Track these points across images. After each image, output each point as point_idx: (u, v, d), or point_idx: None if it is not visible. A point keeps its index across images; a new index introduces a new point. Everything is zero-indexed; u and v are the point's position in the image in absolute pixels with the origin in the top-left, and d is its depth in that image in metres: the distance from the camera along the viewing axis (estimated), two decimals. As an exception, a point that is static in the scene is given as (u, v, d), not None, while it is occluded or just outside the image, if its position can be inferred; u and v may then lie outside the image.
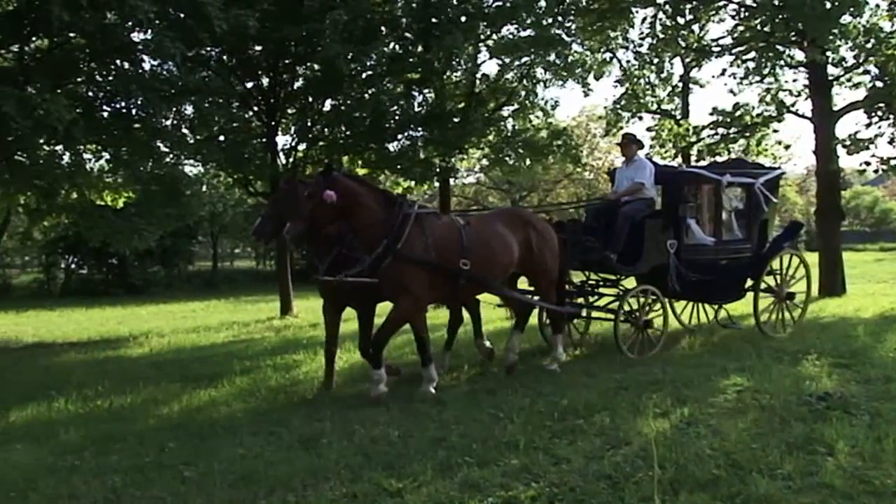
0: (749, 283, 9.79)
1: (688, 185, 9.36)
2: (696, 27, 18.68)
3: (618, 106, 21.03)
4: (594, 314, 9.70)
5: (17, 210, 19.98)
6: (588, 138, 37.03)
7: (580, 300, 9.36)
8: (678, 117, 22.32)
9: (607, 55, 21.41)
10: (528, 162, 20.64)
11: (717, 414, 5.88)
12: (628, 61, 21.60)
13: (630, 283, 9.46)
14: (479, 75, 20.00)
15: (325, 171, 6.99)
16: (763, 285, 9.84)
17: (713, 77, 36.87)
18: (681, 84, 23.84)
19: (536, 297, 8.41)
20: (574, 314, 9.24)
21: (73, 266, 33.98)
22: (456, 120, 18.32)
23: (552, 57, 18.21)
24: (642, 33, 19.45)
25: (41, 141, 13.43)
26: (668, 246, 8.85)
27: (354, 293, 7.40)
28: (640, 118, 21.97)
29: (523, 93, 19.80)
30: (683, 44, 18.55)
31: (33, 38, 13.93)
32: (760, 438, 5.12)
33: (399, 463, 4.99)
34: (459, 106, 19.24)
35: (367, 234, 6.90)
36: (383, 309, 7.40)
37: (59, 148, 14.84)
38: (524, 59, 18.58)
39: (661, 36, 18.05)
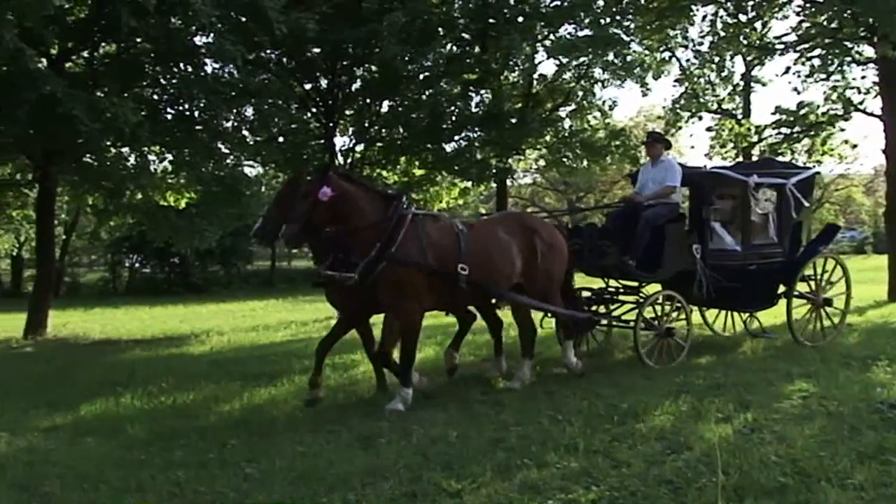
0: (782, 289, 9.30)
1: (712, 187, 8.90)
2: (758, 24, 18.27)
3: (677, 106, 20.71)
4: (612, 322, 9.19)
5: (85, 210, 20.63)
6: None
7: (599, 308, 8.93)
8: (739, 117, 21.90)
9: (666, 54, 21.09)
10: (585, 162, 20.48)
11: (782, 420, 5.74)
12: (688, 60, 21.27)
13: (653, 290, 8.96)
14: (536, 75, 19.91)
15: (323, 170, 6.82)
16: (798, 292, 9.34)
17: (776, 75, 36.10)
18: (742, 83, 23.37)
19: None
20: (590, 324, 8.60)
21: (136, 265, 34.87)
22: (513, 120, 18.27)
23: (610, 56, 18.00)
24: (702, 31, 19.08)
25: (108, 143, 13.82)
26: (693, 251, 8.40)
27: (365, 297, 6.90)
28: (700, 118, 21.61)
29: (581, 93, 19.65)
30: (745, 41, 18.16)
31: (102, 44, 14.34)
32: (829, 446, 4.97)
33: (458, 463, 4.99)
34: (517, 106, 19.18)
35: (362, 237, 6.62)
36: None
37: (125, 150, 15.27)
38: (582, 59, 18.42)
39: (722, 34, 17.72)
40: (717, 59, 20.04)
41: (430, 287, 6.78)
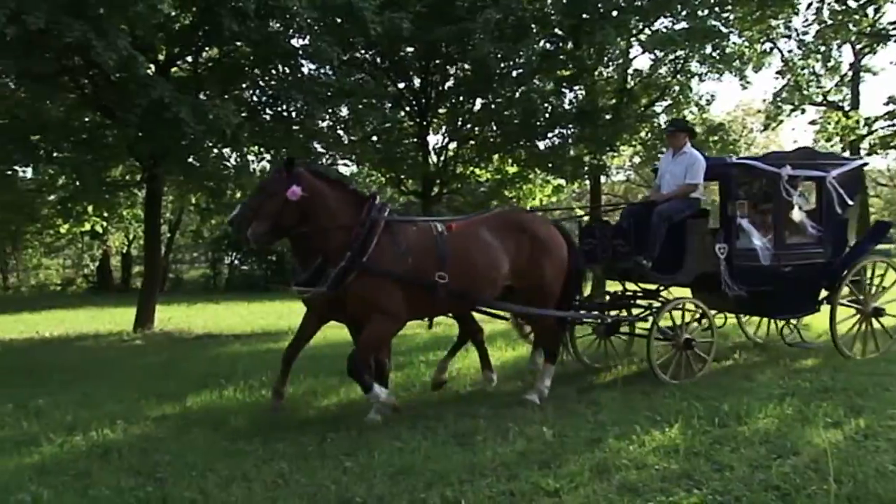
0: (824, 294, 8.49)
1: (738, 180, 8.14)
2: (870, 10, 17.45)
3: (778, 98, 20.12)
4: (623, 329, 8.64)
5: (188, 209, 21.43)
6: (744, 133, 35.44)
7: (614, 313, 8.27)
8: (847, 108, 20.97)
9: (767, 45, 20.43)
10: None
11: (899, 427, 5.47)
12: (790, 51, 20.60)
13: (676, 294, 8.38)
14: (631, 71, 19.55)
15: (288, 164, 6.20)
16: (843, 297, 8.53)
17: (890, 63, 34.33)
18: (850, 72, 22.37)
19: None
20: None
21: (235, 262, 36.02)
22: (607, 117, 18.02)
23: (708, 49, 17.52)
24: (807, 20, 18.48)
25: (210, 144, 14.32)
26: (718, 251, 7.67)
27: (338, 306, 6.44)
28: (803, 111, 20.94)
29: (677, 87, 19.18)
30: (854, 29, 17.39)
31: (205, 49, 14.85)
32: (951, 457, 4.72)
33: (555, 462, 4.97)
34: (611, 102, 18.90)
35: (331, 242, 6.11)
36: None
37: (226, 150, 15.77)
38: (678, 53, 17.98)
39: (829, 22, 17.08)
40: (822, 48, 19.28)
41: (407, 297, 6.23)
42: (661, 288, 8.12)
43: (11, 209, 18.24)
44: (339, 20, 14.10)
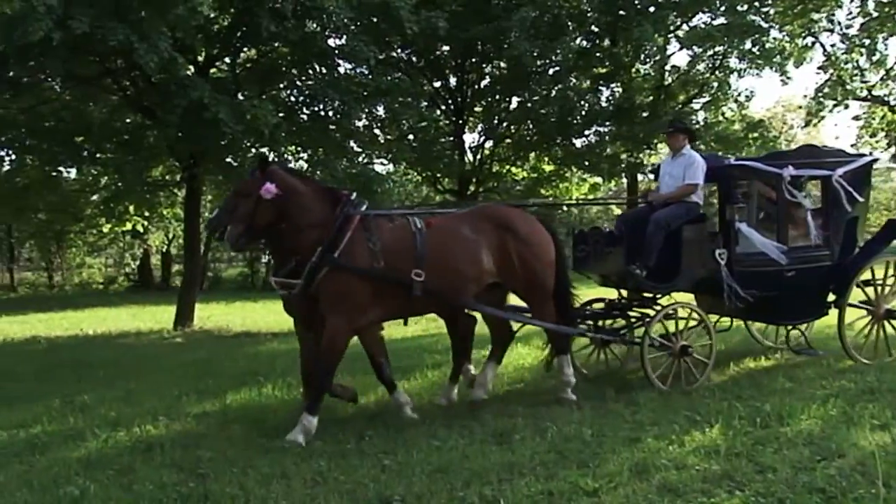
0: (833, 297, 8.06)
1: (738, 182, 7.81)
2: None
3: (820, 94, 19.77)
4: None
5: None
6: (784, 130, 34.90)
7: (605, 322, 7.91)
8: (893, 103, 20.53)
9: (809, 40, 20.10)
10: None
11: (951, 431, 5.34)
12: (833, 45, 20.25)
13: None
14: (668, 67, 19.44)
15: (261, 163, 6.13)
16: (854, 300, 8.11)
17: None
18: (896, 66, 21.91)
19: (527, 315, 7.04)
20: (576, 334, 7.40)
21: (272, 261, 36.33)
22: (644, 114, 17.92)
23: (748, 45, 17.32)
24: (851, 13, 18.13)
25: (248, 144, 14.47)
26: (718, 256, 7.26)
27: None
28: (846, 106, 20.54)
29: (715, 84, 19.02)
30: (900, 22, 17.04)
31: (244, 50, 15.02)
32: None
33: (593, 462, 4.93)
34: (648, 100, 18.80)
35: (305, 239, 5.98)
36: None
37: (264, 150, 15.93)
38: (717, 49, 17.82)
39: (875, 14, 16.71)
40: (867, 41, 18.87)
41: (381, 295, 6.04)
42: (659, 295, 7.71)
43: (57, 209, 18.68)
44: (375, 20, 14.18)
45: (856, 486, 4.25)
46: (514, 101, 18.14)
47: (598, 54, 17.68)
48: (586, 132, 17.62)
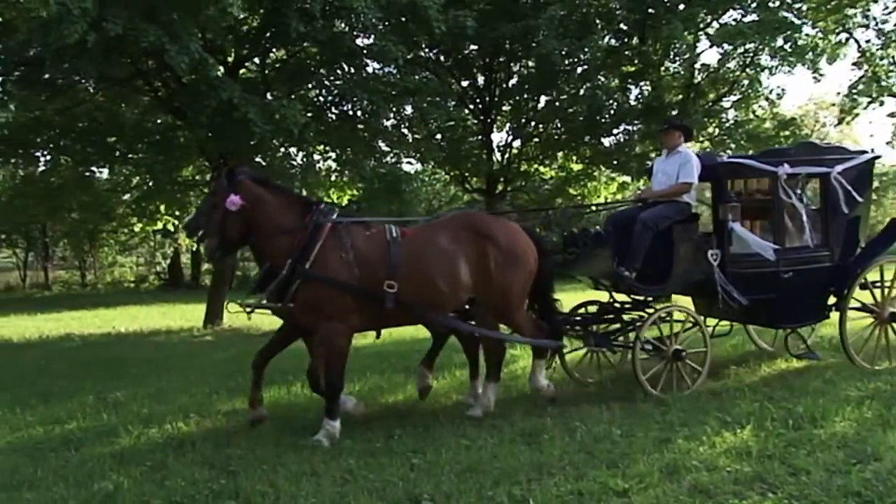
0: (833, 300, 7.76)
1: (730, 181, 7.58)
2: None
3: (854, 91, 19.40)
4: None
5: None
6: (817, 128, 34.44)
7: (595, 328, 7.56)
8: (928, 101, 20.21)
9: (843, 36, 19.77)
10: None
11: None
12: (868, 41, 19.85)
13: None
14: (698, 65, 19.19)
15: (228, 172, 6.01)
16: (856, 303, 7.80)
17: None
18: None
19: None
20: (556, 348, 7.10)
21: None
22: (674, 112, 17.71)
23: (779, 42, 17.00)
24: (887, 8, 17.79)
25: (277, 143, 14.58)
26: (710, 257, 7.04)
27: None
28: (882, 103, 20.17)
29: (746, 81, 18.71)
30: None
31: (273, 50, 15.13)
32: None
33: (623, 462, 4.92)
34: (677, 98, 18.58)
35: (275, 250, 5.92)
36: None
37: (292, 150, 16.05)
38: (748, 46, 17.54)
39: (912, 10, 16.40)
40: (903, 37, 18.56)
41: (357, 305, 5.89)
42: (651, 298, 7.46)
43: (89, 209, 18.94)
44: (403, 19, 14.20)
45: (893, 490, 4.20)
46: (543, 99, 18.09)
47: (626, 52, 17.56)
48: (615, 131, 17.51)
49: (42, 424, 6.80)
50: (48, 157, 16.84)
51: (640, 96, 17.95)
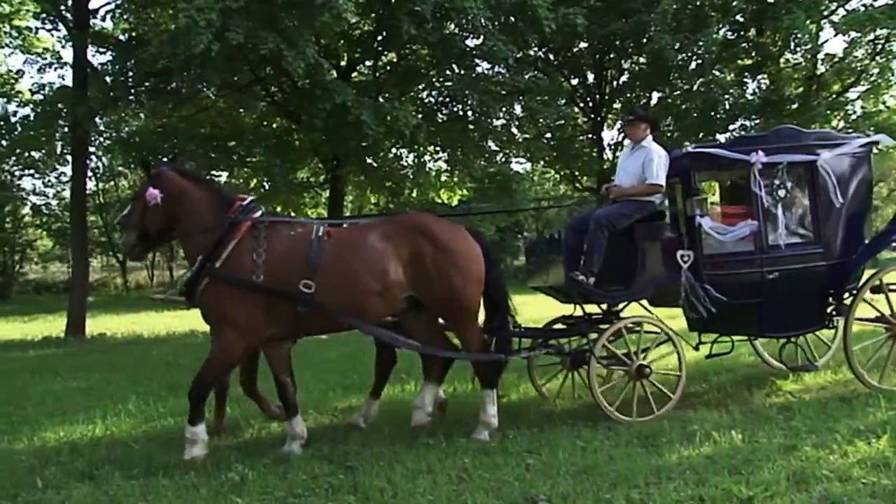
0: (833, 304, 6.80)
1: (698, 172, 6.66)
2: None
3: None
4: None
5: (369, 208, 22.34)
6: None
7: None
8: None
9: None
10: (880, 148, 18.51)
11: None
12: None
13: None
14: (821, 55, 18.33)
15: (144, 165, 5.87)
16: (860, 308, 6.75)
17: None
18: None
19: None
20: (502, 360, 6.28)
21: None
22: (794, 106, 17.01)
23: (914, 27, 16.09)
24: None
25: (389, 145, 14.86)
26: (680, 259, 6.27)
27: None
28: None
29: (875, 71, 17.76)
30: None
31: (384, 53, 15.43)
32: None
33: (746, 469, 4.73)
34: (798, 91, 17.81)
35: (190, 246, 5.66)
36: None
37: (404, 151, 16.32)
38: (878, 32, 16.63)
39: None
40: None
41: (268, 307, 5.49)
42: (614, 308, 6.77)
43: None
44: (512, 19, 14.21)
45: None
46: (655, 96, 17.74)
47: (743, 45, 17.01)
48: (731, 126, 16.95)
49: (173, 416, 7.16)
50: (174, 163, 17.73)
51: (757, 90, 17.34)
